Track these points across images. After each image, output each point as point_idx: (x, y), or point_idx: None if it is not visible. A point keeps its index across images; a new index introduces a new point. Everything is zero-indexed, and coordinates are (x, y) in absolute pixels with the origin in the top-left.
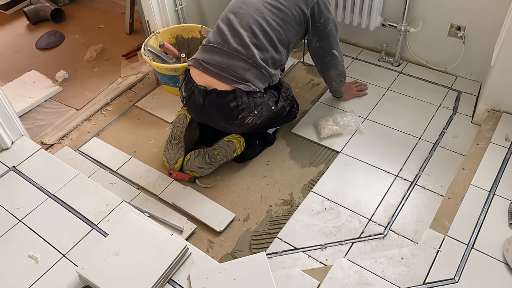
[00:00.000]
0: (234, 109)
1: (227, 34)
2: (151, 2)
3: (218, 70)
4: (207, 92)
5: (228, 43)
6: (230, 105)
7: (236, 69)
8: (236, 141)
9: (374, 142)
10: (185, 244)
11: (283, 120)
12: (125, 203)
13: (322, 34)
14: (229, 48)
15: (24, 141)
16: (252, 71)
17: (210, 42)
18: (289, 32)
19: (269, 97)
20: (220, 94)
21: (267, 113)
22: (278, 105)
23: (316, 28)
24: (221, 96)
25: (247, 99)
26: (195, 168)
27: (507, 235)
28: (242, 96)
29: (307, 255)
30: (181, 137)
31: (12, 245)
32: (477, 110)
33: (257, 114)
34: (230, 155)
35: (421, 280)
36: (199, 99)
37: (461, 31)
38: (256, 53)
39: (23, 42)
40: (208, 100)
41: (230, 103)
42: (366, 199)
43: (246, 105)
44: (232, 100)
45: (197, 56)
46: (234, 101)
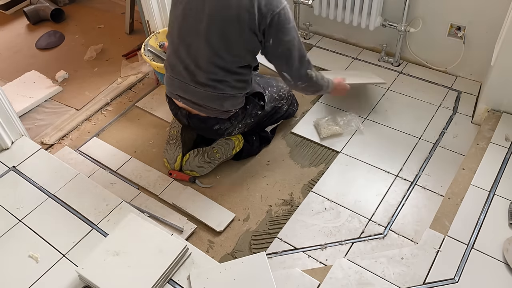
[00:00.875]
0: (218, 130)
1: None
2: (151, 2)
3: (195, 104)
4: (189, 116)
5: (194, 81)
6: (213, 128)
7: (211, 104)
8: (234, 138)
9: (374, 142)
10: (185, 244)
11: (281, 118)
12: (125, 203)
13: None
14: (196, 86)
15: (24, 141)
16: (228, 101)
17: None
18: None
19: (252, 107)
20: (202, 120)
21: (253, 120)
22: (266, 108)
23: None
24: (203, 122)
25: (229, 122)
26: (195, 168)
27: (507, 235)
28: (224, 122)
29: (307, 255)
30: (178, 136)
31: (12, 245)
32: (477, 110)
33: (243, 125)
34: (229, 152)
35: (421, 280)
36: (184, 120)
37: (461, 31)
38: (226, 85)
39: (23, 42)
40: (192, 122)
41: (213, 126)
42: (366, 199)
43: (229, 125)
44: (214, 124)
45: (169, 89)
46: (217, 125)
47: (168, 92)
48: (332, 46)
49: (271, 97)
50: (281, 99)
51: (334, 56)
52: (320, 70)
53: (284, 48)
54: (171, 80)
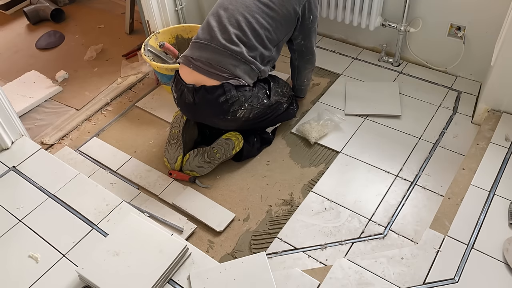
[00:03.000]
0: (224, 103)
1: (216, 30)
2: (151, 2)
3: (208, 66)
4: (196, 89)
5: (217, 40)
6: (219, 100)
7: (225, 65)
8: (234, 138)
9: (374, 142)
10: (185, 244)
11: (281, 117)
12: (125, 203)
13: (308, 32)
14: (217, 45)
15: (24, 141)
16: (241, 66)
17: (199, 38)
18: (279, 31)
19: (258, 89)
20: (209, 90)
21: (258, 106)
22: (271, 99)
23: (304, 26)
24: (209, 92)
25: (236, 93)
26: (195, 168)
27: (507, 235)
28: (231, 90)
29: (307, 255)
30: (179, 136)
31: (12, 245)
32: (477, 110)
33: (248, 107)
34: (229, 152)
35: (421, 280)
36: (189, 97)
37: (461, 31)
38: (245, 50)
39: (23, 42)
40: (197, 97)
41: (219, 97)
42: (366, 199)
43: (235, 98)
44: (221, 94)
45: (187, 53)
46: (223, 95)
47: (183, 58)
48: (332, 46)
49: (275, 91)
50: (283, 95)
51: (334, 56)
52: (320, 70)
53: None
54: (193, 44)
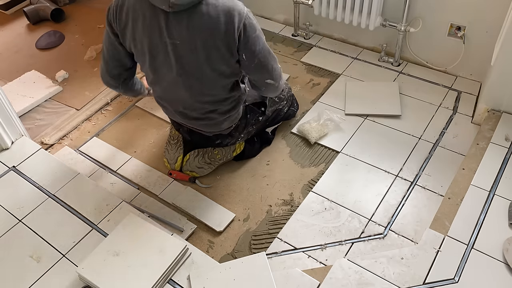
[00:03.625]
0: (221, 143)
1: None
2: None
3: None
4: (190, 131)
5: (188, 117)
6: (215, 143)
7: (210, 129)
8: None
9: (374, 142)
10: (185, 244)
11: (282, 119)
12: (125, 203)
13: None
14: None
15: (24, 141)
16: (225, 122)
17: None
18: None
19: (252, 115)
20: (204, 136)
21: (255, 127)
22: (267, 113)
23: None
24: (205, 138)
25: (231, 136)
26: (195, 168)
27: (507, 235)
28: (226, 137)
29: (307, 255)
30: (179, 136)
31: (12, 245)
32: (477, 110)
33: (245, 134)
34: (230, 154)
35: (421, 280)
36: (186, 135)
37: (461, 31)
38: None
39: (23, 42)
40: (194, 138)
41: (215, 141)
42: (366, 199)
43: (230, 139)
44: (216, 139)
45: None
46: (218, 140)
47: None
48: (332, 46)
49: (271, 101)
50: (281, 101)
51: (334, 56)
52: (320, 70)
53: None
54: (166, 110)
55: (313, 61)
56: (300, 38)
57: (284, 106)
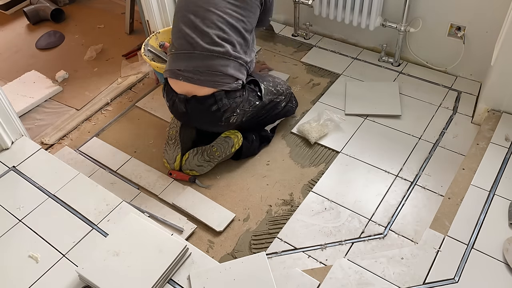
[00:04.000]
0: (216, 112)
1: (194, 36)
2: (151, 2)
3: (197, 75)
4: (187, 100)
5: (199, 45)
6: (211, 109)
7: (215, 68)
8: (233, 136)
9: (374, 142)
10: (185, 244)
11: (280, 115)
12: (125, 203)
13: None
14: (202, 50)
15: (24, 141)
16: (231, 64)
17: (179, 49)
18: (251, 18)
19: (248, 93)
20: (200, 100)
21: (251, 109)
22: (264, 99)
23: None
24: (201, 102)
25: (227, 101)
26: (194, 167)
27: (507, 235)
28: (222, 99)
29: (307, 255)
30: (177, 136)
31: (12, 245)
32: (477, 110)
33: (240, 113)
34: (229, 150)
35: (421, 280)
36: (181, 107)
37: (461, 31)
38: (229, 47)
39: (23, 42)
40: (189, 107)
41: (211, 106)
42: (366, 199)
43: (227, 106)
44: (212, 103)
45: (172, 67)
46: (215, 105)
47: (169, 72)
48: (332, 46)
49: (268, 89)
50: (278, 94)
51: (334, 56)
52: (320, 70)
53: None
54: (174, 56)
55: (313, 61)
56: (300, 38)
57: (282, 101)
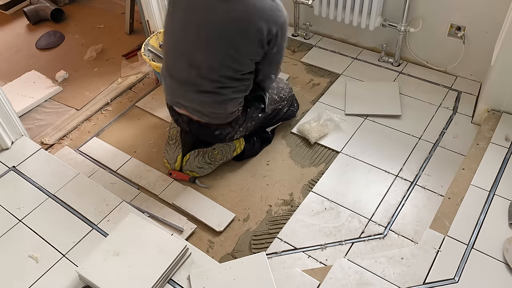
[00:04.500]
0: (220, 135)
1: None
2: (151, 2)
3: (199, 113)
4: (190, 121)
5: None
6: (215, 133)
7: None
8: (235, 141)
9: (374, 142)
10: (185, 244)
11: (282, 119)
12: (125, 203)
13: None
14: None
15: (24, 141)
16: (230, 103)
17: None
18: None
19: (253, 110)
20: (204, 125)
21: (254, 123)
22: (267, 110)
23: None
24: (205, 126)
25: (230, 128)
26: (195, 168)
27: (507, 235)
28: (226, 128)
29: (307, 255)
30: (178, 136)
31: (12, 245)
32: (477, 110)
33: (244, 129)
34: (230, 154)
35: (421, 280)
36: (185, 126)
37: (461, 31)
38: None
39: (23, 42)
40: (193, 128)
41: (214, 131)
42: (366, 199)
43: (229, 130)
44: (215, 129)
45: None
46: (218, 130)
47: (169, 100)
48: (332, 46)
49: (272, 99)
50: (281, 100)
51: (334, 56)
52: (320, 70)
53: (281, 53)
54: (171, 89)
55: (313, 61)
56: (300, 38)
57: (284, 106)
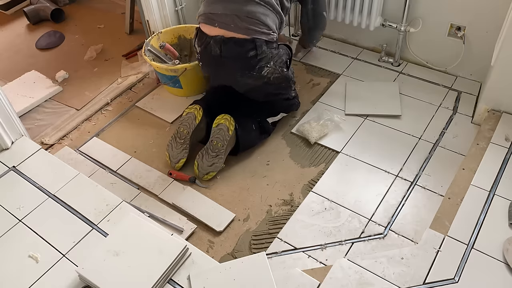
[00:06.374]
0: (253, 58)
1: None
2: (151, 2)
3: (235, 20)
4: (224, 41)
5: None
6: (248, 54)
7: (256, 15)
8: (223, 120)
9: (374, 142)
10: (185, 244)
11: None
12: (125, 203)
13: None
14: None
15: (24, 141)
16: (271, 16)
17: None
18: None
19: (284, 51)
20: (239, 43)
21: (279, 70)
22: (289, 72)
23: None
24: (240, 45)
25: (267, 49)
26: (208, 168)
27: (507, 235)
28: (262, 46)
29: (307, 255)
30: (187, 138)
31: (12, 245)
32: (477, 110)
33: (272, 66)
34: (227, 135)
35: (421, 280)
36: (216, 49)
37: (461, 31)
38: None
39: (23, 42)
40: (225, 49)
41: (249, 52)
42: (366, 199)
43: (264, 54)
44: (251, 49)
45: (206, 10)
46: (253, 50)
47: (203, 17)
48: (332, 46)
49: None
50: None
51: (334, 56)
52: (320, 70)
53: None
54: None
55: (313, 61)
56: None
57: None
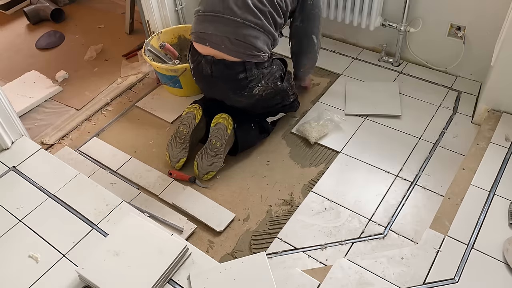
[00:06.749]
0: (243, 80)
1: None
2: (151, 2)
3: (225, 42)
4: (214, 62)
5: (232, 10)
6: (238, 76)
7: (246, 38)
8: (221, 120)
9: (374, 142)
10: (185, 244)
11: (286, 108)
12: (125, 203)
13: (308, 14)
14: (234, 16)
15: (24, 141)
16: (262, 38)
17: (207, 10)
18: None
19: (277, 68)
20: (229, 65)
21: (272, 86)
22: (284, 84)
23: (305, 6)
24: (229, 67)
25: (256, 71)
26: (208, 168)
27: (507, 235)
28: (252, 69)
29: (307, 255)
30: (187, 137)
31: (12, 245)
32: (477, 110)
33: (263, 85)
34: (226, 134)
35: (421, 280)
36: (207, 69)
37: (461, 31)
38: (264, 20)
39: (23, 42)
40: (216, 70)
41: (239, 74)
42: (366, 199)
43: (255, 76)
44: (241, 71)
45: (198, 29)
46: (243, 73)
47: (195, 35)
48: (332, 46)
49: (288, 77)
50: (291, 87)
51: (334, 56)
52: (320, 70)
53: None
54: (202, 18)
55: None
56: None
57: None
